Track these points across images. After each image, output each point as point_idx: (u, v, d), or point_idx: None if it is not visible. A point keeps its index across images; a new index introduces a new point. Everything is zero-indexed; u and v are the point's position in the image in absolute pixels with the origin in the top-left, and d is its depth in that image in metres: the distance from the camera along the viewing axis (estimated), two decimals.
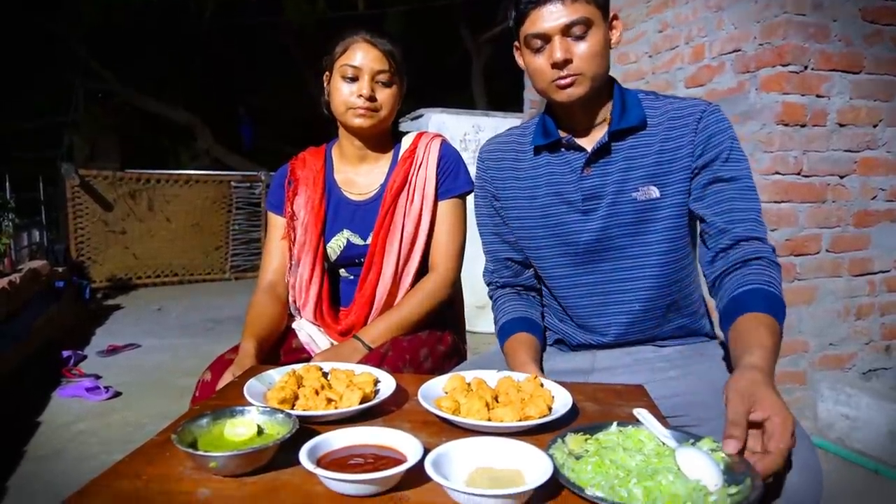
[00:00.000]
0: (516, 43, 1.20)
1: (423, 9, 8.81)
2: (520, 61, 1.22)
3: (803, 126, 2.45)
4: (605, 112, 1.20)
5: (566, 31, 1.09)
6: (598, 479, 0.68)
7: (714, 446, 0.76)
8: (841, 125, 2.51)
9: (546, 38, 1.10)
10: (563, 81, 1.11)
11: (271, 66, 10.60)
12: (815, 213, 2.51)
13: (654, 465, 0.72)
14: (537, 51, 1.13)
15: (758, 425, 0.78)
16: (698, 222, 1.17)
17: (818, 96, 2.45)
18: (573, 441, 0.78)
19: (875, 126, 2.56)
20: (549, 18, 1.08)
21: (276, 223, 1.52)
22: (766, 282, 1.03)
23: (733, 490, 0.68)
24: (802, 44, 2.40)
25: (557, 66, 1.10)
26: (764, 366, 0.87)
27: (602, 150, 1.17)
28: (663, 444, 0.79)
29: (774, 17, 2.40)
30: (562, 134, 1.21)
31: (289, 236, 1.48)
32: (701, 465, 0.71)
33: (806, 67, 2.42)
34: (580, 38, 1.09)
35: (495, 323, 1.32)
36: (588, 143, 1.20)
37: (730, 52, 2.62)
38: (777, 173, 2.44)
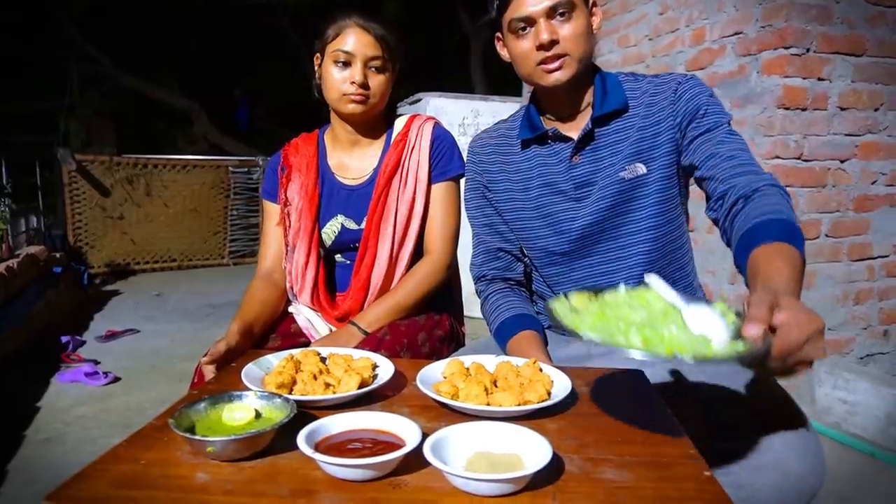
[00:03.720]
0: (498, 34, 1.20)
1: None
2: (503, 53, 1.23)
3: (804, 110, 2.43)
4: (588, 98, 1.21)
5: (551, 13, 1.10)
6: (598, 329, 0.64)
7: (727, 309, 0.71)
8: (842, 109, 2.49)
9: (531, 22, 1.12)
10: (550, 66, 1.12)
11: (267, 48, 10.51)
12: (815, 197, 2.50)
13: (657, 320, 0.68)
14: (522, 35, 1.13)
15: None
16: (696, 177, 1.15)
17: (819, 79, 2.43)
18: (577, 299, 0.73)
19: (876, 110, 2.55)
20: (533, 2, 1.10)
21: (271, 210, 1.51)
22: (774, 210, 0.94)
23: (741, 346, 0.63)
24: (804, 26, 2.37)
25: (544, 47, 1.11)
26: (784, 287, 0.77)
27: (587, 138, 1.18)
28: (672, 305, 0.73)
29: None
30: (547, 126, 1.22)
31: (283, 223, 1.47)
32: (708, 322, 0.66)
33: (808, 50, 2.40)
34: (565, 19, 1.11)
35: (490, 319, 1.29)
36: (573, 131, 1.21)
37: (731, 35, 2.59)
38: (777, 157, 2.43)
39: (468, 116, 4.45)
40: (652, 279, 0.80)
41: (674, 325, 0.64)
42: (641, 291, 0.76)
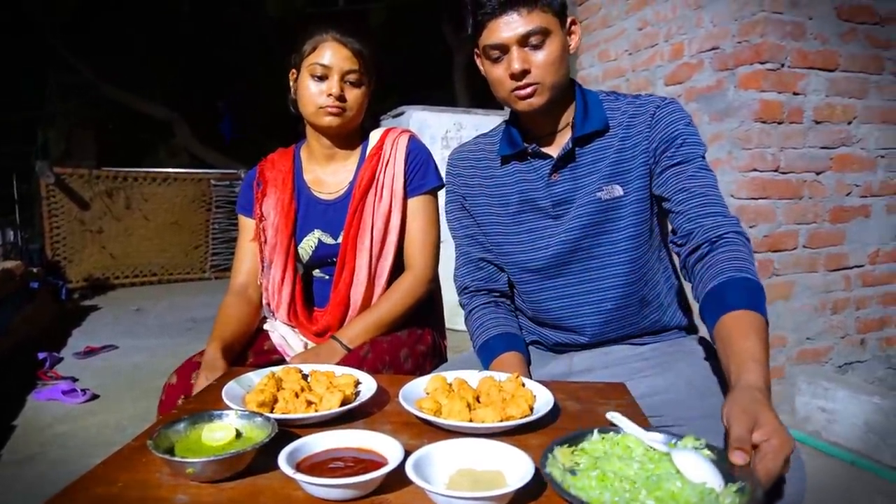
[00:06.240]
0: (476, 51, 1.20)
1: (404, 4, 8.78)
2: (482, 68, 1.23)
3: (780, 123, 2.48)
4: (568, 116, 1.21)
5: (523, 41, 1.09)
6: (607, 496, 0.67)
7: (697, 444, 0.76)
8: (817, 122, 2.54)
9: (504, 49, 1.11)
10: (522, 92, 1.12)
11: (251, 60, 10.49)
12: (792, 209, 2.54)
13: (654, 472, 0.72)
14: (496, 61, 1.13)
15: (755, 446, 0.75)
16: (663, 207, 1.17)
17: (795, 94, 2.49)
18: (562, 455, 0.76)
19: (849, 123, 2.60)
20: (506, 29, 1.09)
21: (246, 225, 1.51)
22: (739, 267, 0.99)
23: (734, 487, 0.67)
24: (779, 42, 2.43)
25: (515, 76, 1.11)
26: (762, 384, 0.83)
27: (567, 157, 1.19)
28: (650, 448, 0.78)
29: (752, 16, 2.43)
30: (526, 143, 1.22)
31: (258, 238, 1.47)
32: (700, 467, 0.70)
33: (783, 65, 2.45)
34: (538, 47, 1.10)
35: (474, 336, 1.29)
36: (553, 149, 1.21)
37: (708, 50, 2.64)
38: (755, 170, 2.47)
39: (451, 130, 4.47)
40: (616, 417, 0.84)
41: (676, 480, 0.69)
42: (619, 438, 0.79)
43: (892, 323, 2.79)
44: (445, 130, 4.46)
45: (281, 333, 1.43)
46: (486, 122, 4.40)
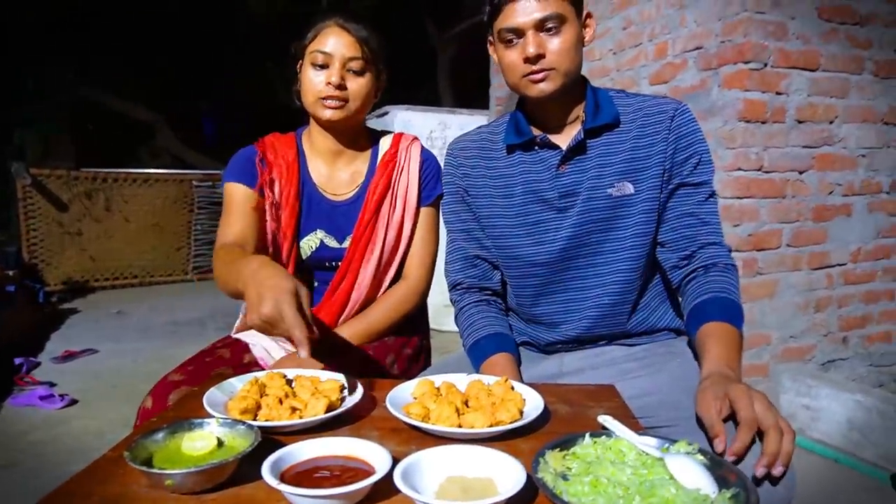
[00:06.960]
0: (490, 38, 1.19)
1: (388, 3, 8.74)
2: (493, 56, 1.22)
3: (764, 123, 2.50)
4: (578, 110, 1.20)
5: (540, 25, 1.10)
6: (600, 501, 0.66)
7: (689, 449, 0.75)
8: (799, 122, 2.56)
9: (519, 33, 1.11)
10: (535, 77, 1.12)
11: (234, 60, 10.38)
12: (775, 208, 2.56)
13: (647, 478, 0.71)
14: (510, 45, 1.13)
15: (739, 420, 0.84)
16: (665, 220, 1.19)
17: (777, 93, 2.50)
18: (553, 459, 0.74)
19: (831, 122, 2.63)
20: (523, 13, 1.10)
21: (244, 194, 1.33)
22: (723, 288, 1.09)
23: (729, 493, 0.67)
24: (762, 41, 2.44)
25: (530, 60, 1.11)
26: (710, 371, 0.97)
27: (577, 148, 1.18)
28: (643, 452, 0.77)
29: (736, 15, 2.44)
30: (535, 132, 1.21)
31: (271, 213, 1.33)
32: (694, 472, 0.70)
33: (766, 65, 2.46)
34: (553, 33, 1.10)
35: (464, 335, 1.27)
36: (562, 140, 1.20)
37: (692, 50, 2.65)
38: (739, 169, 2.48)
39: (435, 129, 4.46)
40: (608, 421, 0.84)
41: (671, 486, 0.68)
42: (612, 442, 0.78)
43: (873, 320, 2.82)
44: (430, 130, 4.44)
45: (264, 346, 1.34)
46: (470, 121, 4.39)
